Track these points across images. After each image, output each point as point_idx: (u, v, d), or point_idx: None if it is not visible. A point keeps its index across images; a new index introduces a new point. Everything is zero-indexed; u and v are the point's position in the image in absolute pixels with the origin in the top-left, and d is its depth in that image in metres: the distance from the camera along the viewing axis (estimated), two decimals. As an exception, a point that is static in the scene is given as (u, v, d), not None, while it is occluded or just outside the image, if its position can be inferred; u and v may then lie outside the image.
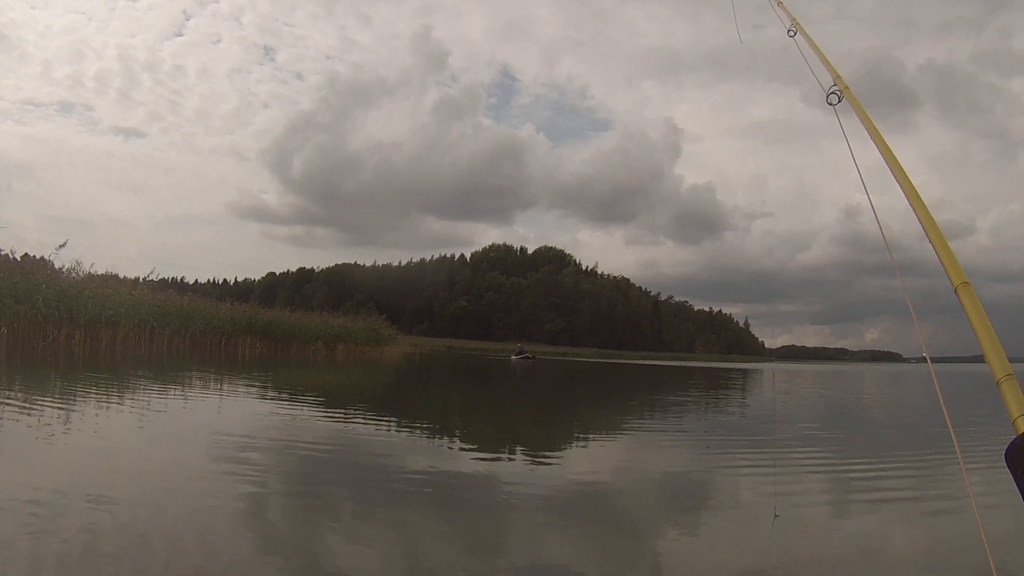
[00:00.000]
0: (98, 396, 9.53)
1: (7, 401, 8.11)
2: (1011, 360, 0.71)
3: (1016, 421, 0.65)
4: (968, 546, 4.08)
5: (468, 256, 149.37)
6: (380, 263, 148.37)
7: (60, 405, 8.19)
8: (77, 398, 9.24)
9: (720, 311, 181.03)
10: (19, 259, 17.99)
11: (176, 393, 11.09)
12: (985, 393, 22.23)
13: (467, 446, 8.09)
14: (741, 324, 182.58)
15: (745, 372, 49.07)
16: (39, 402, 8.25)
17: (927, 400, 20.00)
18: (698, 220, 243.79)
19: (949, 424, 0.70)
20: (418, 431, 9.16)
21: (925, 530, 4.82)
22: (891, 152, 1.04)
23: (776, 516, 4.60)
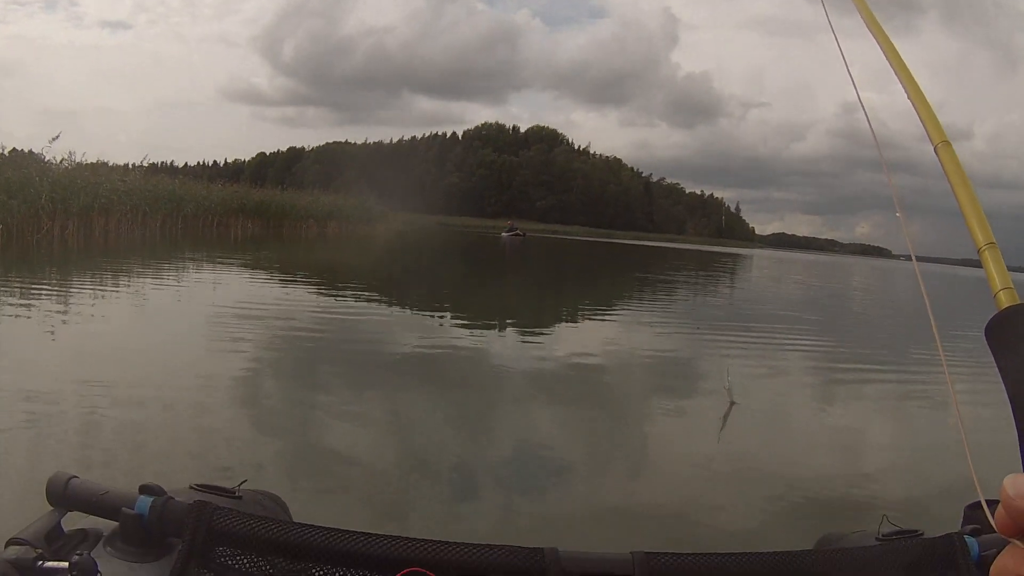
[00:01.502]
0: (95, 282, 9.62)
1: (4, 293, 8.17)
2: (1007, 270, 0.66)
3: (998, 295, 0.61)
4: (944, 438, 4.29)
5: (460, 134, 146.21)
6: (371, 141, 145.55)
7: (59, 293, 8.28)
8: (74, 286, 9.33)
9: (712, 195, 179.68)
10: (7, 154, 17.53)
11: (171, 276, 11.20)
12: (966, 293, 22.60)
13: (458, 324, 8.32)
14: (732, 209, 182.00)
15: (735, 257, 49.49)
16: (38, 291, 8.31)
17: (914, 298, 20.36)
18: (693, 106, 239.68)
19: (932, 321, 0.73)
20: (409, 309, 9.36)
21: (896, 423, 5.07)
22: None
23: (733, 403, 4.71)
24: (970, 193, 0.71)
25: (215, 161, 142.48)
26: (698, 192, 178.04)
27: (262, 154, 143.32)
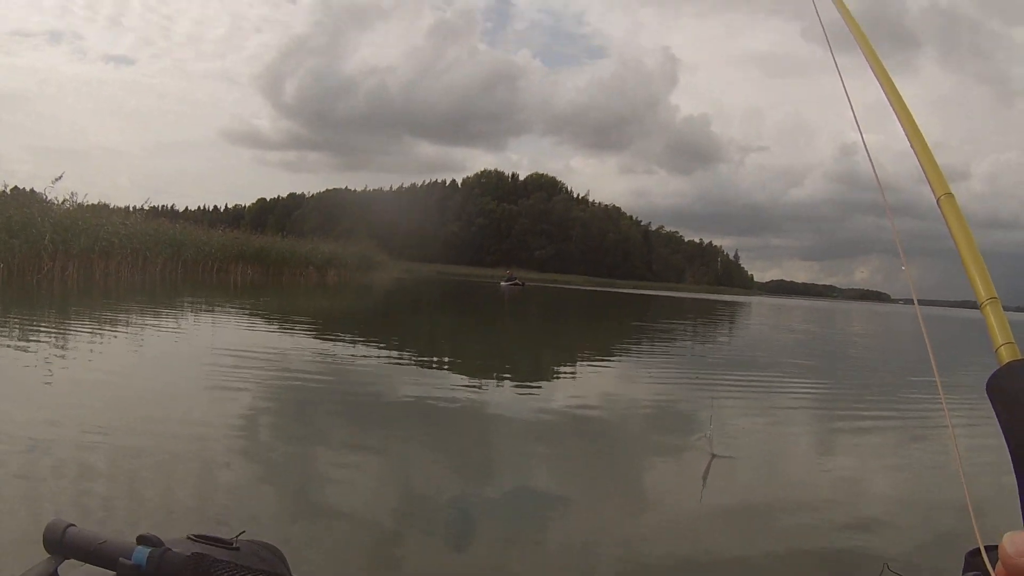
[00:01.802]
0: (94, 325, 9.61)
1: (4, 334, 8.18)
2: (1004, 310, 0.68)
3: (999, 350, 0.61)
4: (937, 474, 4.24)
5: (459, 182, 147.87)
6: (372, 188, 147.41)
7: (57, 336, 8.27)
8: (73, 329, 9.32)
9: (710, 243, 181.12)
10: (9, 192, 17.62)
11: (170, 321, 11.18)
12: (968, 336, 22.58)
13: (456, 373, 8.30)
14: (731, 256, 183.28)
15: (734, 305, 49.57)
16: (37, 333, 8.31)
17: (912, 342, 20.34)
18: (692, 151, 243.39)
19: (935, 367, 0.70)
20: (408, 357, 9.35)
21: (894, 469, 5.00)
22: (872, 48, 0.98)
23: (713, 456, 4.66)
24: (973, 247, 0.71)
25: (215, 206, 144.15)
26: (697, 240, 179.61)
27: (262, 200, 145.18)
